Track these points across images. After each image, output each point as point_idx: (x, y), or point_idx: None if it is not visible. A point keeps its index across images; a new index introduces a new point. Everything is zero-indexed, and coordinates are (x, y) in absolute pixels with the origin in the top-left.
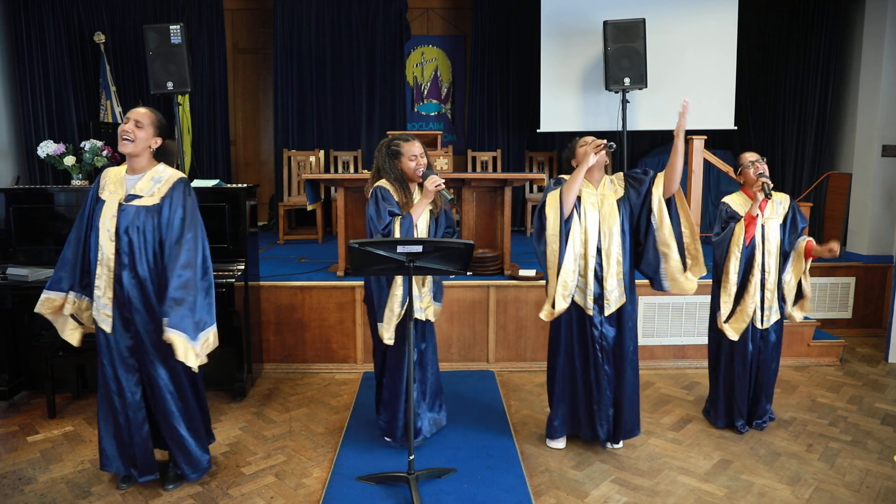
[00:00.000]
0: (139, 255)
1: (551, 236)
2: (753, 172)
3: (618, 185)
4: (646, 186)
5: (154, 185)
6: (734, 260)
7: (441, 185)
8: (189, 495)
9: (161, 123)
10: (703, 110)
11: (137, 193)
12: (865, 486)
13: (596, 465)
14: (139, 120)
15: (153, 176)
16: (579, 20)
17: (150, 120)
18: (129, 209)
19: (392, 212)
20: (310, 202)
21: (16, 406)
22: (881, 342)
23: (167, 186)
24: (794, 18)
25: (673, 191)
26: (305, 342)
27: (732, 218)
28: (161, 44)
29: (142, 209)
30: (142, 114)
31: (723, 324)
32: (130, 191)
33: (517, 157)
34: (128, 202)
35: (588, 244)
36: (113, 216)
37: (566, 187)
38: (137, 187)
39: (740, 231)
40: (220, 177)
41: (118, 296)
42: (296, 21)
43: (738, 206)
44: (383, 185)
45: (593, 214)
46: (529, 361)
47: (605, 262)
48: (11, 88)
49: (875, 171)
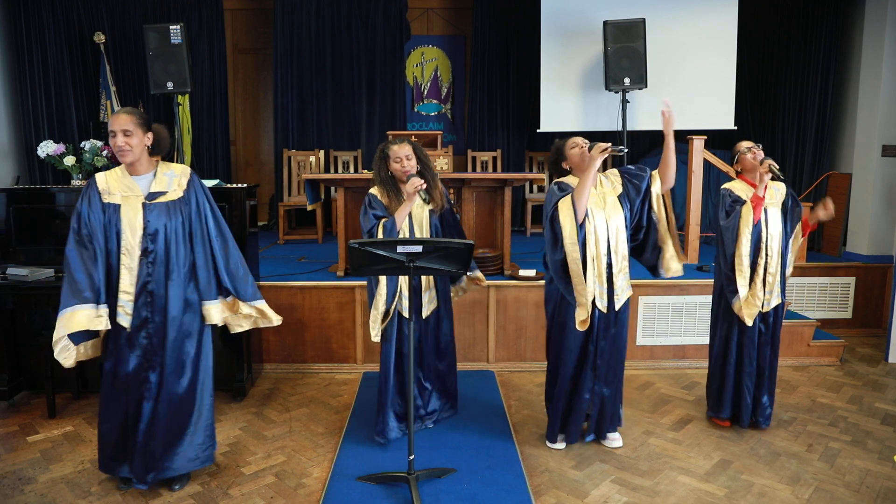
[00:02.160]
0: (173, 249)
1: (570, 245)
2: (753, 158)
3: (614, 181)
4: (645, 183)
5: (171, 180)
6: (745, 242)
7: (420, 186)
8: (189, 495)
9: (143, 118)
10: (703, 110)
11: (160, 190)
12: (865, 486)
13: (596, 465)
14: (126, 129)
15: (164, 171)
16: (579, 20)
17: (134, 122)
18: (158, 206)
19: (377, 215)
20: (310, 202)
21: (16, 406)
22: (881, 342)
23: (185, 179)
24: (794, 18)
25: (671, 185)
26: (305, 342)
27: (737, 202)
28: (161, 44)
29: (170, 204)
30: (125, 121)
31: (741, 308)
32: (150, 189)
33: (517, 157)
34: (152, 200)
35: (598, 244)
36: (138, 213)
37: (577, 193)
38: (156, 185)
39: (748, 213)
40: (220, 177)
41: (140, 292)
42: (296, 21)
43: (740, 191)
44: (372, 192)
45: (599, 214)
46: (529, 361)
47: (615, 260)
48: (11, 88)
49: (875, 171)
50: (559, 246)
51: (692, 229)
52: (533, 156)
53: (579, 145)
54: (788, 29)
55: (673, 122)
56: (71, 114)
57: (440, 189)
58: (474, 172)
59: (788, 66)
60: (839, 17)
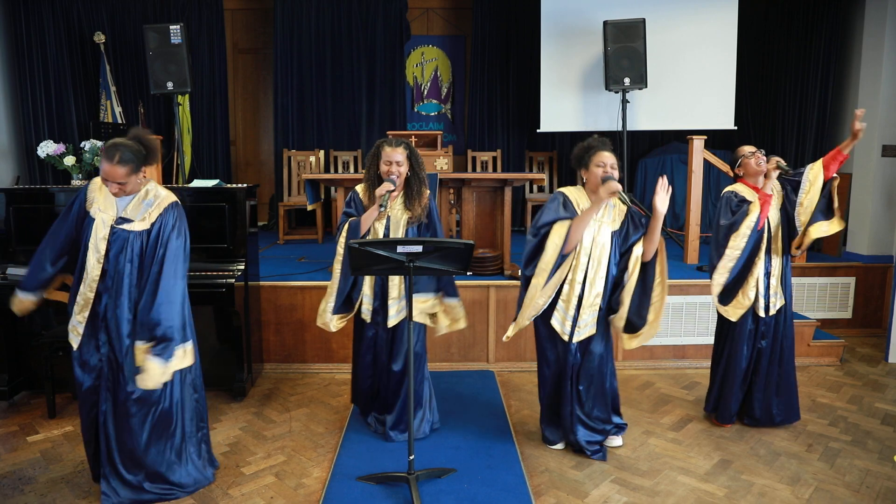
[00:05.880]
0: (126, 280)
1: (542, 271)
2: (756, 164)
3: (618, 213)
4: (633, 239)
5: (146, 209)
6: (741, 238)
7: (383, 192)
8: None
9: (138, 158)
10: (703, 110)
11: (128, 217)
12: (865, 486)
13: (596, 465)
14: (120, 182)
15: (144, 198)
16: (579, 20)
17: (125, 172)
18: (120, 233)
19: (348, 212)
20: (310, 202)
21: (16, 406)
22: (881, 342)
23: (158, 211)
24: (794, 18)
25: (648, 258)
26: (305, 342)
27: (744, 202)
28: (161, 44)
29: (133, 234)
30: (121, 174)
31: (718, 303)
32: (121, 213)
33: (517, 157)
34: (119, 225)
35: (577, 270)
36: (104, 238)
37: (576, 226)
38: (128, 210)
39: (755, 210)
40: (220, 177)
41: (94, 316)
42: (296, 21)
43: (745, 193)
44: (356, 189)
45: (588, 237)
46: (529, 361)
47: (588, 291)
48: (11, 88)
49: (875, 171)
50: (534, 265)
51: (692, 229)
52: (533, 156)
53: (605, 167)
54: (788, 29)
55: (664, 207)
56: (71, 114)
57: (423, 202)
58: (474, 172)
59: (788, 66)
60: (839, 17)
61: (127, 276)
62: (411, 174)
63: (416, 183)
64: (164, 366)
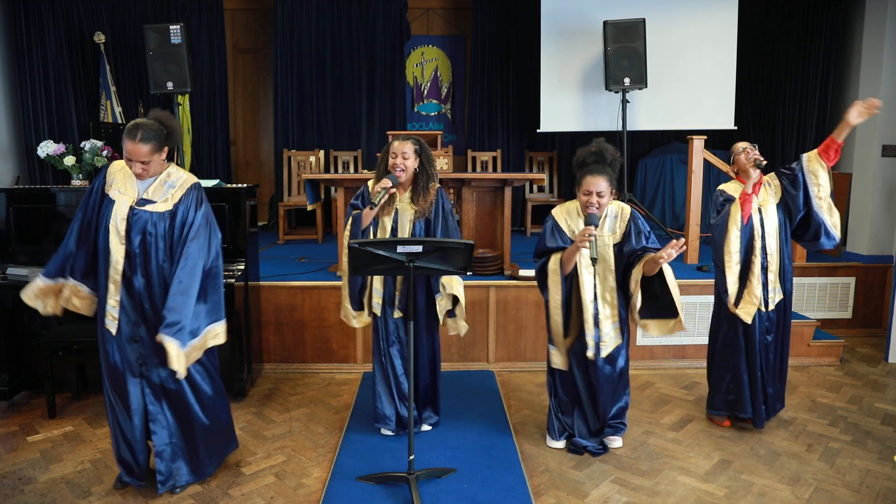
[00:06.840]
0: (152, 260)
1: (553, 308)
2: (745, 159)
3: (619, 225)
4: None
5: (168, 190)
6: (734, 240)
7: (383, 187)
8: (189, 495)
9: (159, 136)
10: (703, 110)
11: (150, 198)
12: (865, 486)
13: (596, 465)
14: (143, 161)
15: (166, 180)
16: (579, 20)
17: (148, 150)
18: (142, 214)
19: (354, 205)
20: (310, 202)
21: (16, 406)
22: (881, 342)
23: (181, 192)
24: (794, 18)
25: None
26: (305, 342)
27: (728, 200)
28: (161, 44)
29: (155, 215)
30: (144, 152)
31: (734, 308)
32: (143, 195)
33: (517, 157)
34: (140, 206)
35: (584, 289)
36: (124, 219)
37: (566, 261)
38: (150, 192)
39: (736, 210)
40: (220, 177)
41: (126, 300)
42: (296, 21)
43: (733, 191)
44: (368, 184)
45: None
46: (529, 361)
47: (602, 307)
48: (11, 88)
49: (875, 171)
50: (545, 293)
51: (692, 229)
52: (533, 156)
53: (591, 196)
54: (788, 29)
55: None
56: (71, 114)
57: (430, 197)
58: (474, 172)
59: (788, 66)
60: (839, 17)
61: (153, 256)
62: (419, 170)
63: (423, 178)
64: (182, 349)
